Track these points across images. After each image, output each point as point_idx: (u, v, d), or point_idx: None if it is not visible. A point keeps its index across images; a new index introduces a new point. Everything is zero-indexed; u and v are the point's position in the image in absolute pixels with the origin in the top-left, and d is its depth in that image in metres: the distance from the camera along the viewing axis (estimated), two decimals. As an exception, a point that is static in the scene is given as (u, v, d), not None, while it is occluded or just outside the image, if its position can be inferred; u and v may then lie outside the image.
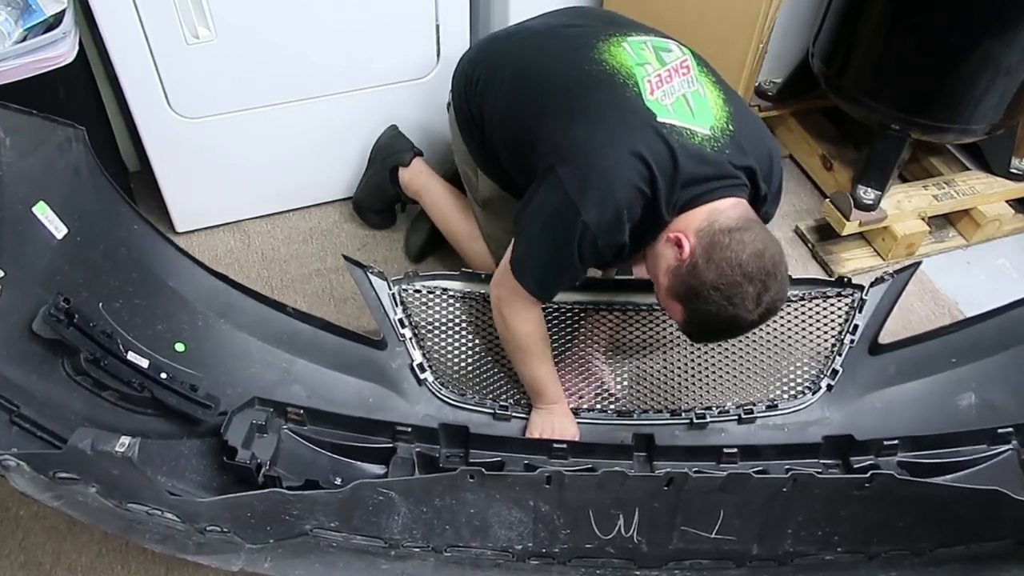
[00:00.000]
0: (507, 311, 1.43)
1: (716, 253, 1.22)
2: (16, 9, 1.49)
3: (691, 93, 1.33)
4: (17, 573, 1.38)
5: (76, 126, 1.26)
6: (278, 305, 1.49)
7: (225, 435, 1.28)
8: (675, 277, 1.27)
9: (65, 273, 1.23)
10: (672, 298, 1.28)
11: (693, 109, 1.30)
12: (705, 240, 1.23)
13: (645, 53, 1.37)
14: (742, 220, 1.25)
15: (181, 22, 1.61)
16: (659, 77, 1.32)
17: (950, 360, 1.50)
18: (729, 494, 1.14)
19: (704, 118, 1.30)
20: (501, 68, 1.48)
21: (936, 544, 1.20)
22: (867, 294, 1.56)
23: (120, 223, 1.34)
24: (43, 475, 0.98)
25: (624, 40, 1.39)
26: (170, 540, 1.11)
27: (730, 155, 1.29)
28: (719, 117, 1.31)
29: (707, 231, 1.24)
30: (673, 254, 1.27)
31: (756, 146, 1.33)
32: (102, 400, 1.22)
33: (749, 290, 1.21)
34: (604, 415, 1.55)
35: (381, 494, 1.14)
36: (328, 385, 1.49)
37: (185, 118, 1.77)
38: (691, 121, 1.29)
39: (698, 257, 1.23)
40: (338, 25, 1.74)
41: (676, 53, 1.38)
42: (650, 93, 1.30)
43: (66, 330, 1.15)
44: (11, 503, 1.46)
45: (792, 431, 1.52)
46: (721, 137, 1.29)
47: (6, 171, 1.16)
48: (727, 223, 1.24)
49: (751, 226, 1.25)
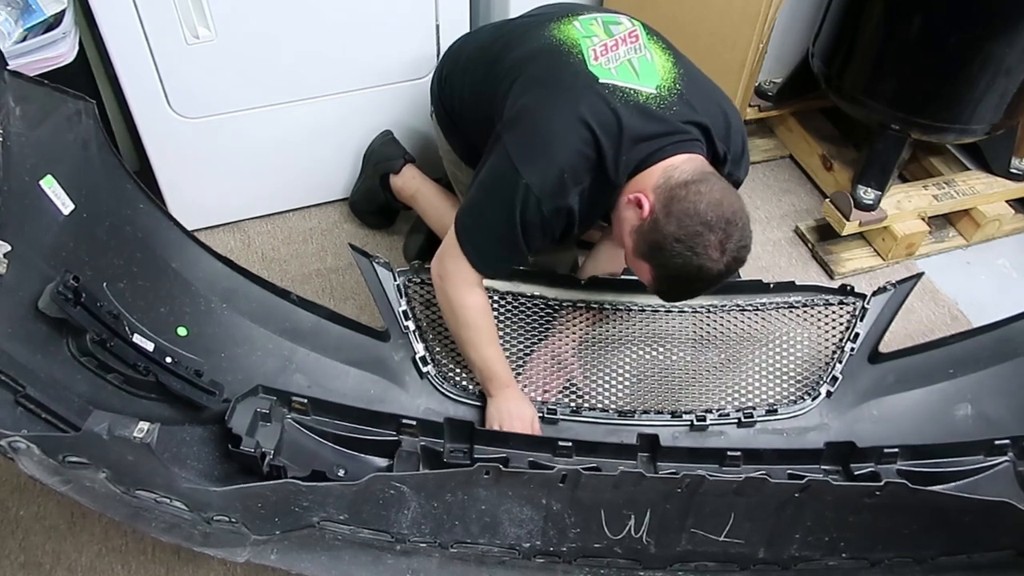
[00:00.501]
0: (449, 286, 1.41)
1: (674, 205, 1.23)
2: (16, 9, 1.48)
3: (637, 58, 1.34)
4: (17, 573, 1.36)
5: (86, 99, 1.22)
6: (282, 292, 1.46)
7: (229, 423, 1.25)
8: (638, 236, 1.27)
9: (70, 250, 1.19)
10: (639, 257, 1.29)
11: (638, 71, 1.32)
12: (663, 195, 1.25)
13: (593, 27, 1.39)
14: (698, 173, 1.26)
15: (181, 22, 1.60)
16: (604, 46, 1.34)
17: (948, 371, 1.53)
18: (743, 497, 1.15)
19: (649, 78, 1.31)
20: (461, 54, 1.53)
21: (939, 552, 1.23)
22: (869, 303, 1.57)
23: (126, 201, 1.31)
24: (53, 459, 0.94)
25: (575, 19, 1.41)
26: (176, 529, 1.07)
27: (678, 111, 1.30)
28: (665, 78, 1.33)
29: (664, 186, 1.25)
30: (635, 214, 1.28)
31: (708, 106, 1.34)
32: (106, 383, 1.18)
33: (711, 238, 1.22)
34: (605, 415, 1.55)
35: (393, 487, 1.12)
36: (330, 375, 1.46)
37: (185, 118, 1.75)
38: (635, 82, 1.30)
39: (658, 212, 1.24)
40: (338, 25, 1.73)
41: (626, 25, 1.40)
42: (594, 59, 1.32)
43: (73, 309, 1.11)
44: (11, 503, 1.43)
45: (791, 436, 1.53)
46: (668, 96, 1.31)
47: (15, 142, 1.12)
48: (683, 176, 1.25)
49: (707, 178, 1.26)
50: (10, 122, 1.10)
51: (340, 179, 2.03)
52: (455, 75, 1.55)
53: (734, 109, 1.41)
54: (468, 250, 1.36)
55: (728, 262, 1.24)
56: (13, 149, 1.11)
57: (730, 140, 1.36)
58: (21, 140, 1.12)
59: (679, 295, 1.38)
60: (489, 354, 1.45)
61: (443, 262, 1.41)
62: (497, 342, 1.48)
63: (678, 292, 1.35)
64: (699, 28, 1.82)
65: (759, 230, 2.09)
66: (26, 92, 1.14)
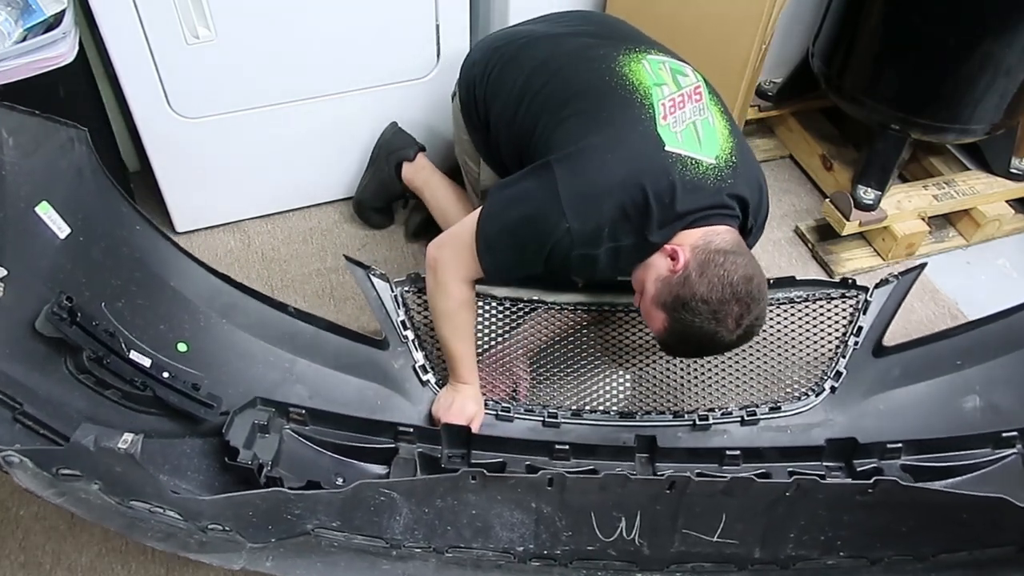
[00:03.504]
0: (443, 274, 1.41)
1: (710, 269, 1.25)
2: (16, 9, 1.49)
3: (701, 121, 1.34)
4: (17, 573, 1.38)
5: (79, 127, 1.26)
6: (280, 305, 1.49)
7: (227, 435, 1.27)
8: (664, 286, 1.29)
9: (68, 272, 1.23)
10: (657, 306, 1.30)
11: (701, 138, 1.32)
12: (701, 256, 1.27)
13: (663, 73, 1.38)
14: (736, 245, 1.29)
15: (181, 22, 1.61)
16: (673, 102, 1.34)
17: (955, 362, 1.50)
18: (731, 498, 1.14)
19: (711, 148, 1.32)
20: (516, 67, 1.49)
21: (939, 549, 1.20)
22: (871, 296, 1.55)
23: (122, 223, 1.34)
24: (46, 472, 0.98)
25: (644, 57, 1.40)
26: (172, 538, 1.11)
27: (730, 185, 1.31)
28: (724, 147, 1.33)
29: (703, 248, 1.27)
30: (666, 265, 1.29)
31: (751, 179, 1.36)
32: (104, 399, 1.22)
33: (735, 309, 1.25)
34: (607, 416, 1.54)
35: (383, 494, 1.14)
36: (330, 385, 1.49)
37: (185, 118, 1.77)
38: (698, 151, 1.31)
39: (691, 270, 1.26)
40: (338, 25, 1.74)
41: (691, 78, 1.40)
42: (663, 118, 1.31)
43: (69, 328, 1.15)
44: (11, 503, 1.46)
45: (795, 433, 1.52)
46: (725, 167, 1.32)
47: (9, 171, 1.16)
48: (723, 245, 1.28)
49: (743, 252, 1.29)
50: (3, 152, 1.14)
51: (340, 179, 2.04)
52: (503, 84, 1.50)
53: (764, 181, 1.42)
54: (484, 257, 1.36)
55: (739, 335, 1.28)
56: (8, 178, 1.15)
57: (759, 214, 1.39)
58: (15, 169, 1.16)
59: (682, 352, 1.42)
60: (460, 349, 1.47)
61: (443, 250, 1.42)
62: (471, 339, 1.49)
63: (683, 349, 1.38)
64: (701, 28, 1.81)
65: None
66: (19, 123, 1.17)
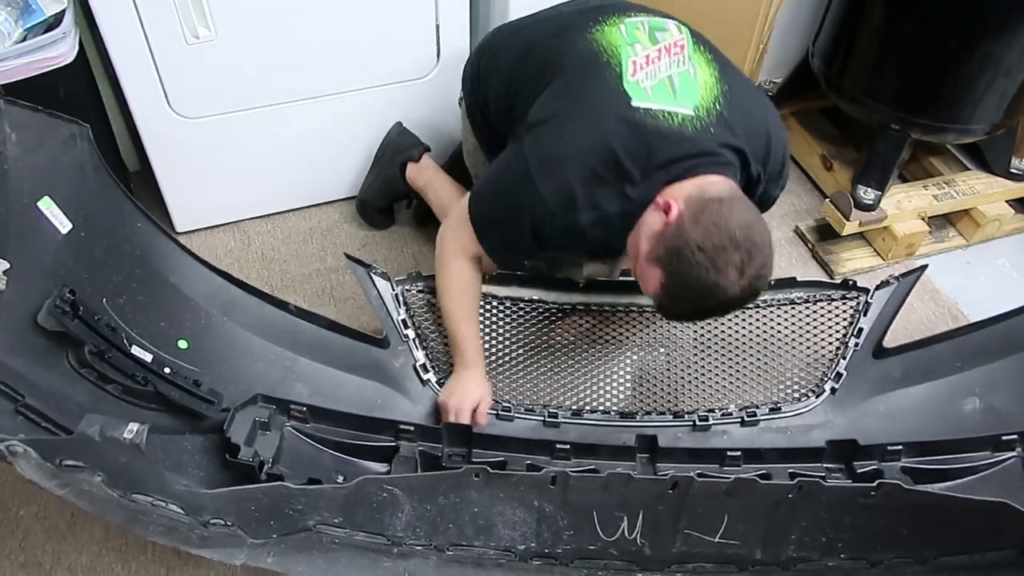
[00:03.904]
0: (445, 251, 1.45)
1: (704, 216, 1.18)
2: (16, 9, 1.49)
3: (679, 74, 1.30)
4: (17, 573, 1.38)
5: (81, 123, 1.26)
6: (280, 303, 1.49)
7: (228, 432, 1.27)
8: (658, 240, 1.22)
9: (69, 268, 1.23)
10: (651, 262, 1.23)
11: (676, 90, 1.28)
12: (695, 205, 1.20)
13: (638, 33, 1.35)
14: (732, 193, 1.23)
15: (181, 22, 1.62)
16: (646, 58, 1.30)
17: (955, 364, 1.50)
18: (734, 498, 1.14)
19: (688, 98, 1.28)
20: (506, 50, 1.50)
21: (939, 553, 1.20)
22: (872, 297, 1.55)
23: (124, 220, 1.34)
24: (49, 462, 0.97)
25: (622, 21, 1.37)
26: (174, 532, 1.10)
27: (715, 134, 1.26)
28: (706, 97, 1.29)
29: (698, 198, 1.21)
30: (659, 219, 1.23)
31: (750, 125, 1.30)
32: (106, 393, 1.22)
33: (734, 256, 1.17)
34: (607, 416, 1.54)
35: (385, 490, 1.13)
36: (331, 383, 1.48)
37: (185, 118, 1.77)
38: (671, 103, 1.27)
39: (685, 219, 1.20)
40: (337, 25, 1.74)
41: (672, 33, 1.36)
42: (631, 75, 1.28)
43: (71, 322, 1.15)
44: (11, 503, 1.45)
45: (795, 434, 1.51)
46: (706, 117, 1.27)
47: (12, 166, 1.16)
48: (719, 193, 1.22)
49: (741, 199, 1.23)
50: (7, 147, 1.14)
51: (340, 179, 2.04)
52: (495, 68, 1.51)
53: (778, 125, 1.36)
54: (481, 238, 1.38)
55: (744, 287, 1.19)
56: (11, 173, 1.15)
57: (769, 160, 1.33)
58: (18, 164, 1.16)
59: (682, 311, 1.31)
60: (462, 330, 1.46)
61: (446, 228, 1.45)
62: (474, 320, 1.48)
63: (683, 307, 1.28)
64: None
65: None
66: (22, 119, 1.17)
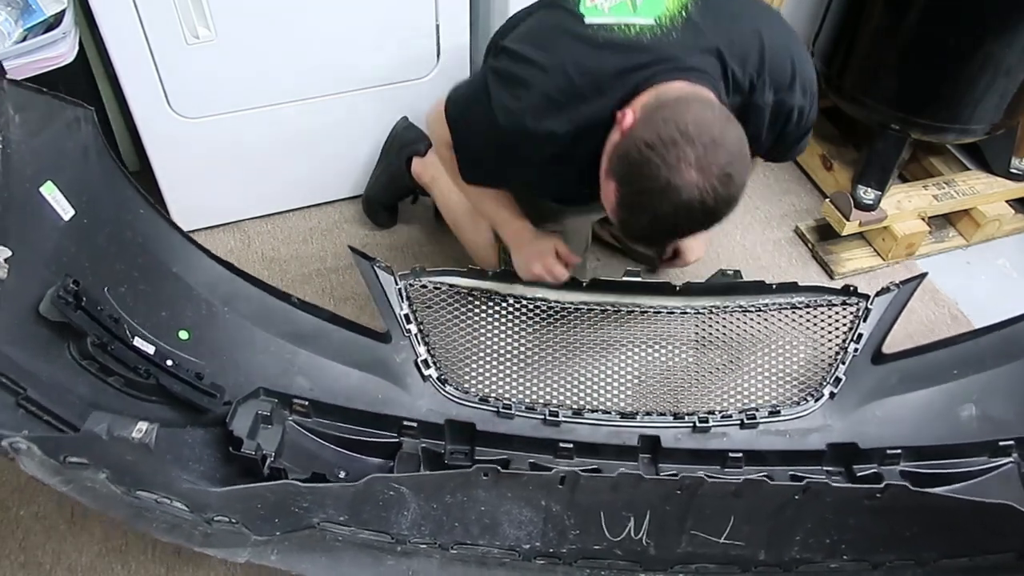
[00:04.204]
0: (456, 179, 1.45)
1: (655, 115, 1.11)
2: (16, 9, 1.48)
3: None
4: (17, 573, 1.36)
5: (85, 106, 1.23)
6: (283, 295, 1.47)
7: (230, 425, 1.26)
8: (612, 151, 1.15)
9: (72, 255, 1.20)
10: (607, 176, 1.15)
11: (637, 5, 1.24)
12: (649, 108, 1.14)
13: None
14: (693, 94, 1.15)
15: (181, 22, 1.60)
16: None
17: (952, 371, 1.51)
18: (742, 499, 1.15)
19: (649, 10, 1.23)
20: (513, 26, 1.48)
21: (940, 555, 1.21)
22: (872, 303, 1.56)
23: (126, 206, 1.32)
24: (53, 459, 0.95)
25: None
26: (177, 530, 1.09)
27: (678, 39, 1.20)
28: (672, 6, 1.23)
29: (652, 103, 1.15)
30: (616, 132, 1.16)
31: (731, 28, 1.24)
32: (107, 386, 1.19)
33: (687, 151, 1.05)
34: (608, 416, 1.54)
35: (393, 489, 1.13)
36: (332, 377, 1.46)
37: (185, 118, 1.75)
38: (629, 16, 1.22)
39: (637, 124, 1.12)
40: (337, 25, 1.73)
41: None
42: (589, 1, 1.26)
43: (74, 313, 1.12)
44: (11, 503, 1.44)
45: (794, 437, 1.52)
46: (669, 25, 1.21)
47: (15, 149, 1.13)
48: (674, 94, 1.15)
49: (704, 99, 1.15)
50: (10, 130, 1.11)
51: (340, 179, 2.03)
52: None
53: (783, 32, 1.28)
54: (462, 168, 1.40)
55: (705, 188, 1.06)
56: (13, 156, 1.12)
57: (764, 64, 1.23)
58: (21, 147, 1.13)
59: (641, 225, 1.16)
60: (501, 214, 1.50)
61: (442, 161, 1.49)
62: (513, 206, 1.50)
63: (640, 218, 1.14)
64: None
65: (759, 230, 2.09)
66: (25, 100, 1.14)
